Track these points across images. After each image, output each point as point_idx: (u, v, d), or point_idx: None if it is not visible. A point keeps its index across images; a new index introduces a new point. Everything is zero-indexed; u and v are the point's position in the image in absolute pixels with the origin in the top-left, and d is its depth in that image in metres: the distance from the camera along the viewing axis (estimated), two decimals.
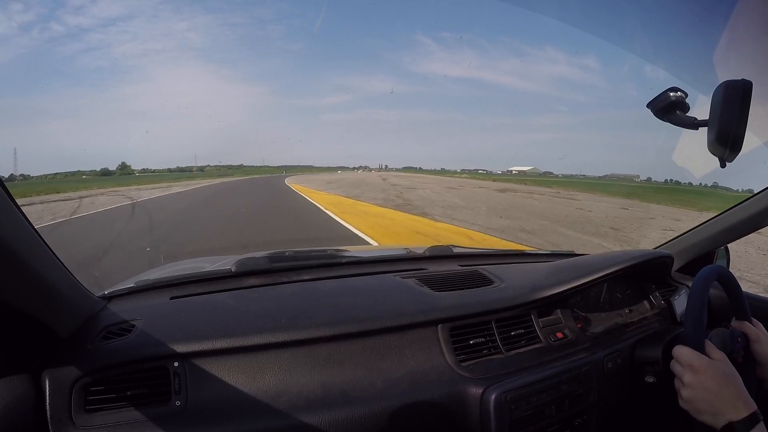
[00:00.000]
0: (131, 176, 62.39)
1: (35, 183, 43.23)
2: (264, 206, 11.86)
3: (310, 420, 0.71)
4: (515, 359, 0.92)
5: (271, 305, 0.89)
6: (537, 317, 1.02)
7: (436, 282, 1.05)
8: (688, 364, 0.73)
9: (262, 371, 0.74)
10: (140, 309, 0.86)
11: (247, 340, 0.75)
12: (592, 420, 0.93)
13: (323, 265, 1.17)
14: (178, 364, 0.71)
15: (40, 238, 0.62)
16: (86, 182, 37.78)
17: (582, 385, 0.92)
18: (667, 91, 0.68)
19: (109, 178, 59.85)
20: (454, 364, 0.86)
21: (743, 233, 1.19)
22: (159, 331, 0.76)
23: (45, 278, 0.62)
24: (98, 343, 0.72)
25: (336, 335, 0.80)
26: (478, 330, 0.93)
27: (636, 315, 1.23)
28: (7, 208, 0.53)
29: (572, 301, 1.12)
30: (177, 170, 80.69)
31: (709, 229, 1.28)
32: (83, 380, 0.66)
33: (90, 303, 0.82)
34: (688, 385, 0.72)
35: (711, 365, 0.72)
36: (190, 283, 1.00)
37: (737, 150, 0.61)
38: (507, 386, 0.83)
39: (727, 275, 0.88)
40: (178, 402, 0.68)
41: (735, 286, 0.89)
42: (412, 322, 0.86)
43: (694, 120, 0.67)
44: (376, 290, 1.03)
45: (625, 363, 1.01)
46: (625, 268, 1.13)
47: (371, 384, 0.78)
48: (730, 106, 0.60)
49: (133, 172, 74.06)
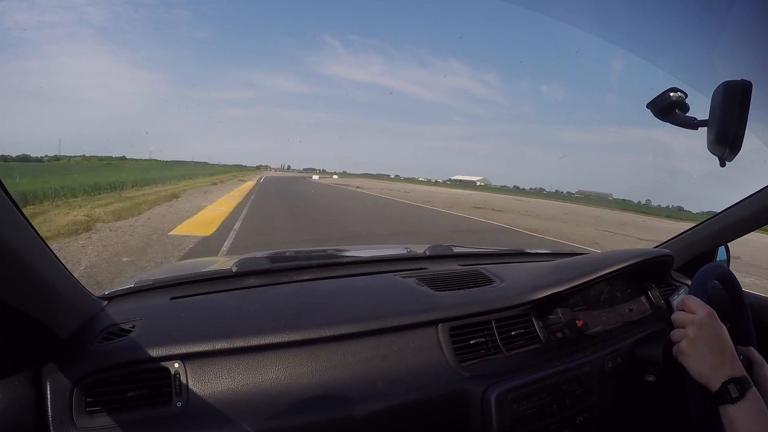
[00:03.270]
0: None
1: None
2: None
3: (310, 420, 0.71)
4: (515, 359, 0.92)
5: (271, 305, 0.89)
6: (537, 317, 1.02)
7: (436, 281, 1.06)
8: (701, 308, 0.71)
9: (263, 372, 0.74)
10: (140, 309, 0.86)
11: (247, 340, 0.75)
12: (592, 419, 0.93)
13: (323, 265, 1.17)
14: (179, 365, 0.71)
15: (40, 239, 0.62)
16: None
17: (582, 384, 0.92)
18: (667, 92, 0.68)
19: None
20: (454, 363, 0.86)
21: (743, 232, 1.20)
22: (159, 332, 0.75)
23: (45, 279, 0.61)
24: (98, 344, 0.72)
25: (336, 335, 0.80)
26: (479, 330, 0.93)
27: (636, 314, 1.23)
28: (7, 208, 0.53)
29: (572, 300, 1.12)
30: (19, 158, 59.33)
31: (709, 228, 1.28)
32: (84, 381, 0.66)
33: (90, 303, 0.82)
34: (693, 335, 0.70)
35: (717, 318, 0.70)
36: (190, 284, 1.00)
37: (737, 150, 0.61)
38: (507, 385, 0.83)
39: (727, 274, 0.88)
40: (179, 403, 0.68)
41: (735, 285, 0.89)
42: (413, 322, 0.86)
43: (693, 120, 0.68)
44: (376, 290, 1.03)
45: (626, 362, 1.01)
46: (625, 267, 1.13)
47: (372, 384, 0.78)
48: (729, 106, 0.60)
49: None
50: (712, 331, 0.69)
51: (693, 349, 0.69)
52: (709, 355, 0.68)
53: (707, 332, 0.69)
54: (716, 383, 0.65)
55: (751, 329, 0.89)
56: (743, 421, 0.62)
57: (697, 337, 0.69)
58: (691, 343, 0.69)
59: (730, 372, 0.65)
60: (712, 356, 0.68)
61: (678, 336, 0.72)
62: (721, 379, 0.65)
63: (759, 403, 0.64)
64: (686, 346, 0.70)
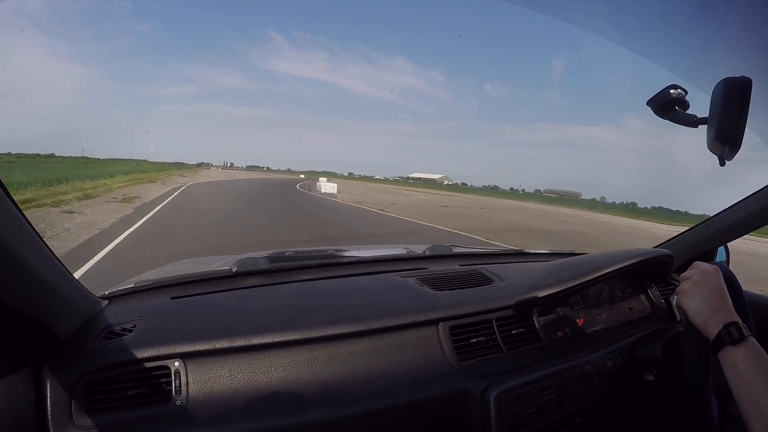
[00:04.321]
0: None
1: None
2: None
3: (310, 419, 0.71)
4: (516, 358, 0.92)
5: (271, 305, 0.89)
6: (537, 316, 1.02)
7: (436, 281, 1.05)
8: (701, 265, 0.73)
9: (263, 371, 0.73)
10: (140, 309, 0.85)
11: (247, 339, 0.74)
12: (592, 418, 0.93)
13: (323, 265, 1.17)
14: (179, 364, 0.71)
15: (40, 239, 0.62)
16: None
17: (582, 383, 0.92)
18: (667, 89, 0.67)
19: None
20: (454, 362, 0.86)
21: (743, 232, 1.19)
22: (159, 331, 0.75)
23: (45, 278, 0.61)
24: (98, 344, 0.72)
25: (336, 335, 0.80)
26: (479, 329, 0.93)
27: (636, 314, 1.23)
28: (7, 208, 0.53)
29: (572, 299, 1.12)
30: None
31: (709, 228, 1.28)
32: (84, 380, 0.66)
33: (90, 303, 0.82)
34: (697, 278, 0.71)
35: (721, 275, 0.71)
36: (190, 283, 1.00)
37: (736, 148, 0.61)
38: (508, 384, 0.83)
39: (726, 273, 0.88)
40: (178, 402, 0.68)
41: (735, 285, 0.88)
42: (413, 322, 0.86)
43: (693, 117, 0.67)
44: (376, 290, 1.03)
45: (626, 361, 1.01)
46: (625, 268, 1.13)
47: (372, 383, 0.78)
48: (729, 103, 0.60)
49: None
50: (715, 281, 0.70)
51: (696, 289, 0.70)
52: (710, 299, 0.68)
53: (711, 279, 0.70)
54: (716, 325, 0.65)
55: (751, 328, 0.89)
56: (746, 363, 0.61)
57: (702, 281, 0.70)
58: (695, 285, 0.70)
59: (731, 317, 0.66)
60: (713, 301, 0.68)
61: (681, 287, 0.73)
62: (721, 322, 0.65)
63: (758, 348, 0.63)
64: (689, 287, 0.71)
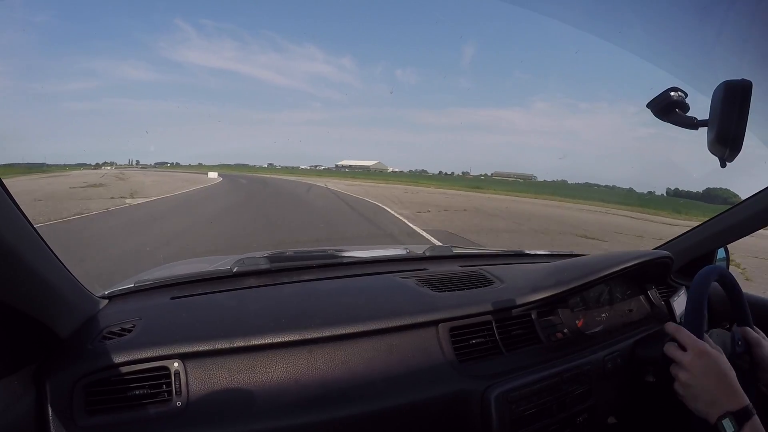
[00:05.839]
0: None
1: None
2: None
3: (310, 420, 0.71)
4: (516, 359, 0.92)
5: (271, 305, 0.89)
6: (537, 317, 1.02)
7: (436, 282, 1.05)
8: (692, 346, 0.73)
9: (263, 371, 0.74)
10: (140, 309, 0.86)
11: (247, 340, 0.74)
12: (592, 419, 0.93)
13: (323, 266, 1.17)
14: (179, 364, 0.71)
15: (40, 238, 0.62)
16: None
17: (582, 384, 0.92)
18: (667, 91, 0.67)
19: None
20: (454, 363, 0.86)
21: (743, 233, 1.19)
22: (159, 331, 0.75)
23: (45, 278, 0.61)
24: (98, 343, 0.72)
25: (336, 335, 0.80)
26: (479, 330, 0.93)
27: (636, 315, 1.23)
28: (7, 208, 0.53)
29: (572, 301, 1.12)
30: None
31: (709, 230, 1.28)
32: (84, 380, 0.66)
33: (90, 303, 0.82)
34: (689, 368, 0.72)
35: (712, 351, 0.72)
36: (190, 283, 1.00)
37: (737, 150, 0.61)
38: (507, 386, 0.83)
39: (727, 275, 0.88)
40: (178, 402, 0.68)
41: (735, 286, 0.89)
42: (413, 322, 0.86)
43: (694, 120, 0.67)
44: (376, 290, 1.03)
45: (626, 363, 1.01)
46: (625, 269, 1.13)
47: (372, 384, 0.78)
48: (730, 106, 0.59)
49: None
50: (705, 369, 0.71)
51: (687, 391, 0.72)
52: (704, 393, 0.70)
53: (700, 371, 0.71)
54: (713, 418, 0.68)
55: (745, 306, 0.90)
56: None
57: (690, 380, 0.72)
58: (686, 388, 0.72)
59: (727, 406, 0.67)
60: (707, 394, 0.70)
61: (674, 370, 0.76)
62: (718, 413, 0.67)
63: (760, 429, 0.65)
64: (681, 390, 0.73)
